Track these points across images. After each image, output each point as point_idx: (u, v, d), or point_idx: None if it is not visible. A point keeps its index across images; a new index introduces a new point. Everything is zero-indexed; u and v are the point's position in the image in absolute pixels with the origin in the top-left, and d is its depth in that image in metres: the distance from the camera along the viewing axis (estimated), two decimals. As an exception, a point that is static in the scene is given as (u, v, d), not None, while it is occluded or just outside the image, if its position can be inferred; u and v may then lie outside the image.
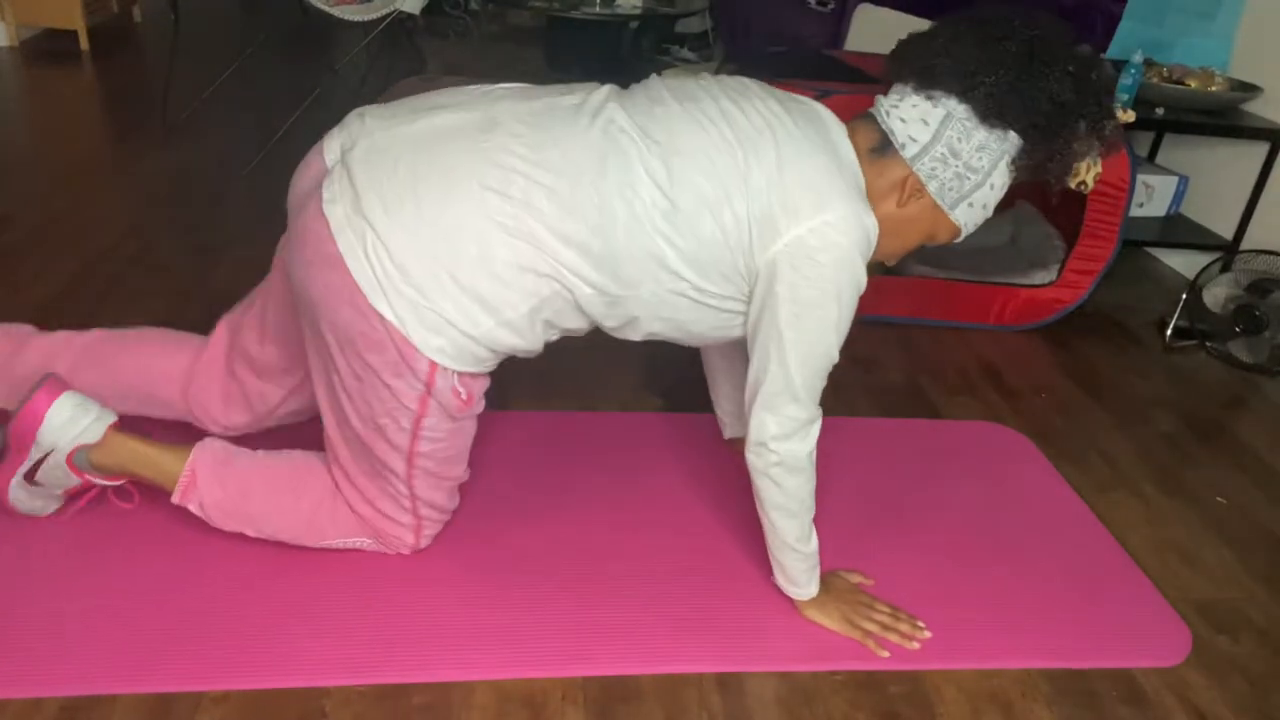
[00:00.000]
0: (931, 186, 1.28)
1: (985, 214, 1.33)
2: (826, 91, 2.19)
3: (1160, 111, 2.71)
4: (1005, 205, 1.97)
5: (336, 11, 3.28)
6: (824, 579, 1.48)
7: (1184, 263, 3.04)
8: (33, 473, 1.41)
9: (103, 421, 1.41)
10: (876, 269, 1.33)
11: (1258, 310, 2.43)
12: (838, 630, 1.44)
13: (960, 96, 1.23)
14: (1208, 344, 2.54)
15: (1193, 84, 2.77)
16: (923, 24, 1.32)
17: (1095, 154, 1.31)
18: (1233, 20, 2.93)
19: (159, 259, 2.40)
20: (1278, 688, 1.47)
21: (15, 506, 1.44)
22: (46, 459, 1.40)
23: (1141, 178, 2.91)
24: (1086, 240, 2.43)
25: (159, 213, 2.67)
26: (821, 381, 1.32)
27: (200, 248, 2.48)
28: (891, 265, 1.39)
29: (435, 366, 1.26)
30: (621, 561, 1.54)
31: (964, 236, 1.36)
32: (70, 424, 1.39)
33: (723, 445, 1.84)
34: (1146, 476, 1.97)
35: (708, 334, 1.37)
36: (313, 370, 1.36)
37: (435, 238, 1.21)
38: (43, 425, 1.38)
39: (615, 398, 2.02)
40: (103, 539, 1.46)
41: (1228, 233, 2.87)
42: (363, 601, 1.40)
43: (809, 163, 1.24)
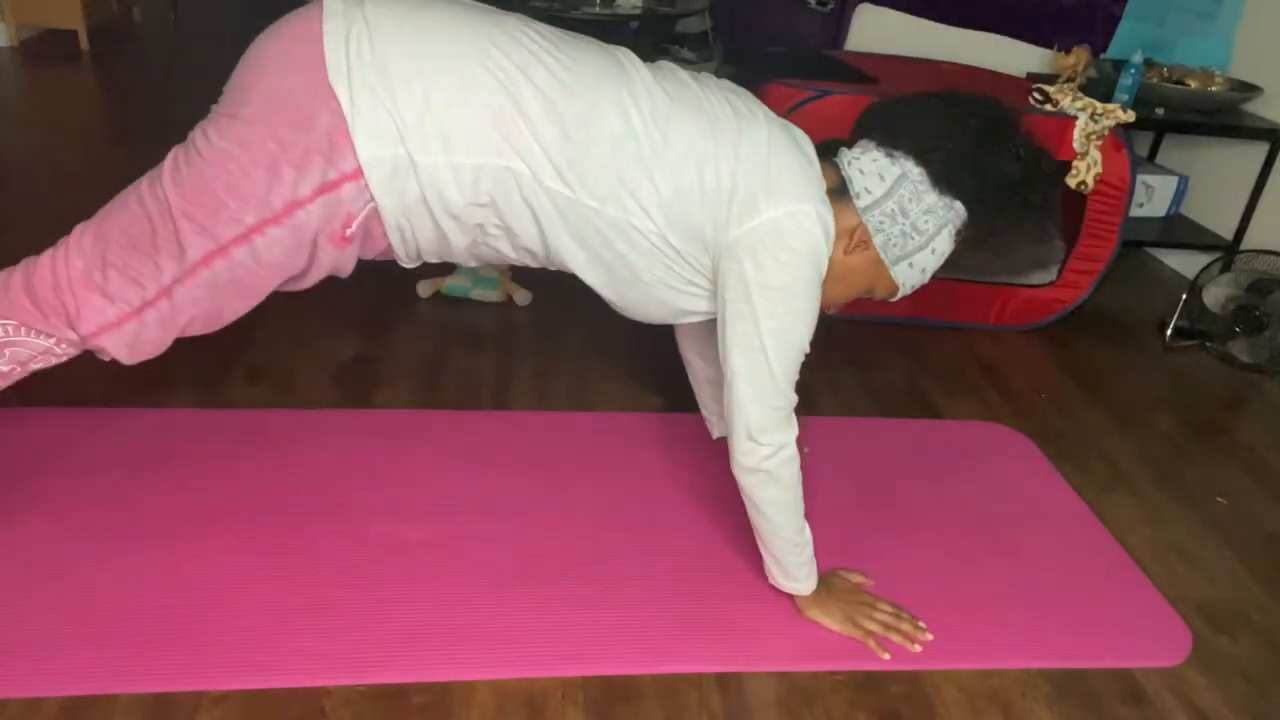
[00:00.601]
0: (877, 240, 1.34)
1: (923, 278, 1.39)
2: (826, 91, 2.20)
3: (1160, 111, 2.71)
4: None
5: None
6: (825, 578, 1.48)
7: (1184, 263, 3.04)
8: None
9: None
10: (819, 317, 1.36)
11: (1258, 310, 2.43)
12: (840, 630, 1.44)
13: (917, 159, 1.30)
14: (1208, 344, 2.54)
15: (1193, 84, 2.77)
16: (923, 24, 1.33)
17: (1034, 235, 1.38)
18: (1233, 20, 2.93)
19: (159, 259, 2.39)
20: (1278, 688, 1.47)
21: None
22: None
23: (1141, 178, 2.91)
24: (1086, 240, 2.44)
25: (159, 213, 2.67)
26: (796, 371, 1.34)
27: (200, 248, 2.47)
28: (831, 314, 1.44)
29: (358, 176, 1.18)
30: (621, 561, 1.54)
31: (899, 296, 1.41)
32: None
33: (720, 444, 1.84)
34: (1146, 476, 1.97)
35: (652, 290, 1.36)
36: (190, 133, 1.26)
37: (423, 54, 1.19)
38: None
39: (615, 398, 2.02)
40: (103, 539, 1.46)
41: (1228, 233, 2.86)
42: (363, 601, 1.40)
43: (794, 157, 1.30)
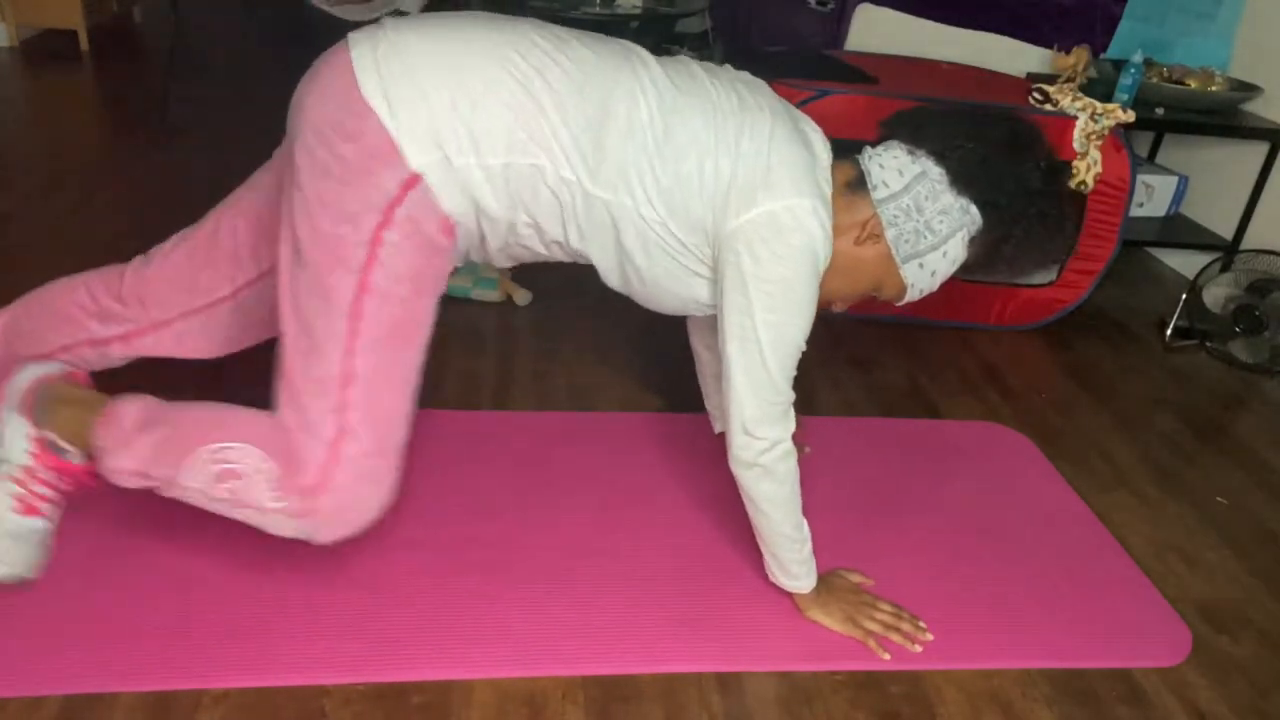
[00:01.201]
0: (890, 234, 1.33)
1: (933, 283, 1.38)
2: (826, 91, 2.20)
3: (1160, 111, 2.71)
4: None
5: (337, 11, 3.29)
6: (825, 578, 1.48)
7: (1184, 263, 3.04)
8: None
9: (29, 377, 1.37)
10: (826, 313, 1.36)
11: (1258, 310, 2.43)
12: (840, 630, 1.44)
13: (938, 159, 1.30)
14: (1208, 344, 2.54)
15: (1193, 84, 2.77)
16: (923, 24, 1.33)
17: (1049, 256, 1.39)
18: (1233, 20, 2.93)
19: (159, 259, 2.40)
20: (1278, 688, 1.47)
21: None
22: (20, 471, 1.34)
23: (1141, 178, 2.91)
24: (1087, 240, 2.44)
25: (159, 213, 2.67)
26: (793, 367, 1.34)
27: (200, 247, 2.47)
28: (839, 310, 1.44)
29: (418, 180, 1.23)
30: (621, 561, 1.54)
31: (906, 300, 1.40)
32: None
33: (721, 444, 1.84)
34: (1146, 476, 1.97)
35: (661, 280, 1.36)
36: (281, 229, 1.28)
37: (447, 64, 1.23)
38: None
39: (615, 398, 2.02)
40: (102, 538, 1.46)
41: (1228, 233, 2.86)
42: (363, 601, 1.40)
43: (796, 152, 1.30)
